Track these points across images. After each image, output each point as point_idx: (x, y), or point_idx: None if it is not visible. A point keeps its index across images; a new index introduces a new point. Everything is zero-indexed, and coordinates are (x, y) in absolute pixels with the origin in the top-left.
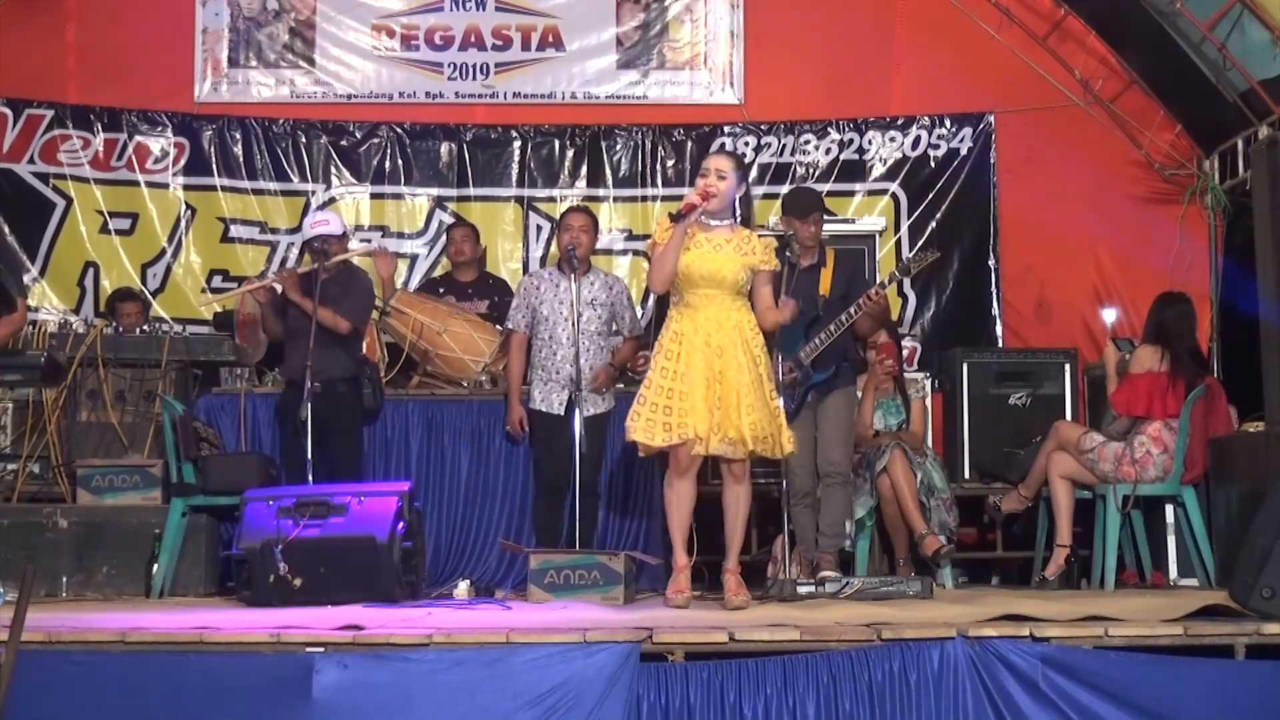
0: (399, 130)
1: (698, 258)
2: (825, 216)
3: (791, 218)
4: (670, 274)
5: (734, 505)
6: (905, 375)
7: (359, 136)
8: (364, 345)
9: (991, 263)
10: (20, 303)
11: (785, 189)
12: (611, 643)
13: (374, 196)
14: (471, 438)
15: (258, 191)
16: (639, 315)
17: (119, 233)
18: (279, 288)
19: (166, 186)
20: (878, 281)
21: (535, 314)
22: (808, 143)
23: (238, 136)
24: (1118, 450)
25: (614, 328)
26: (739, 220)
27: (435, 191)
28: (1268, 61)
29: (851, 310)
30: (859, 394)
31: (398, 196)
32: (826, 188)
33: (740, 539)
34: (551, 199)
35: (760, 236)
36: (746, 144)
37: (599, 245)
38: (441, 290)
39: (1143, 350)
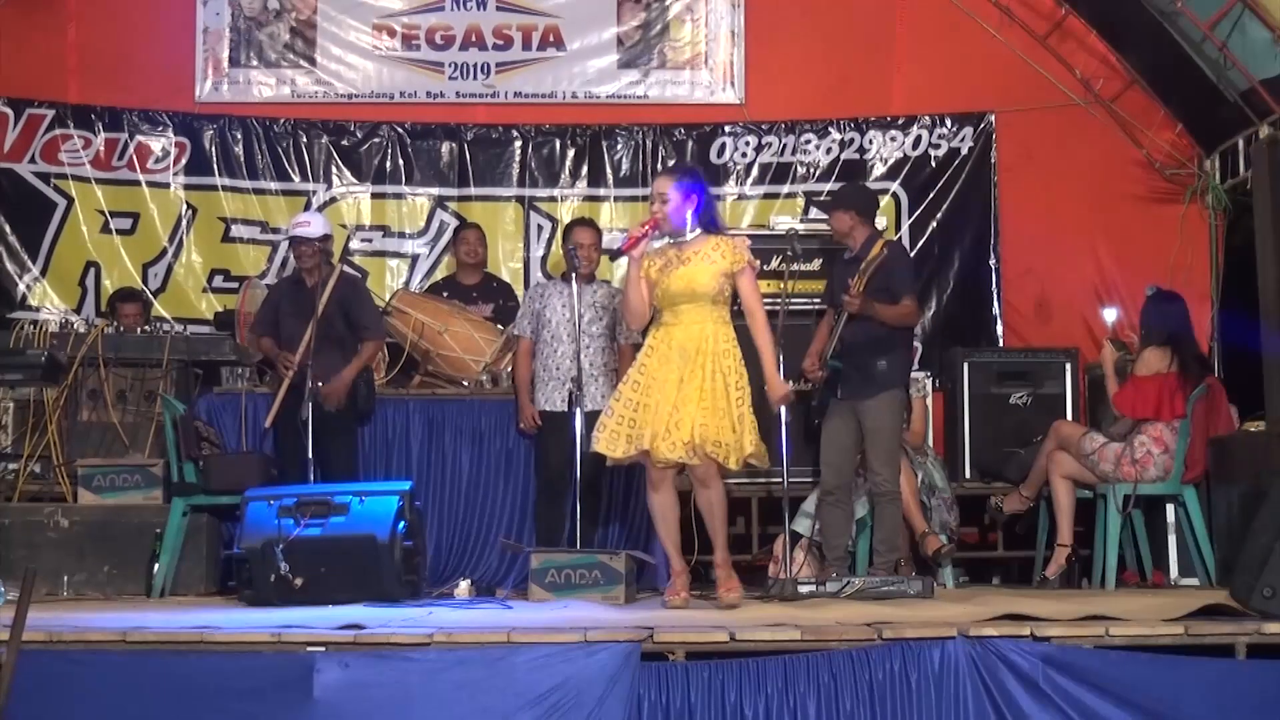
0: (400, 130)
1: (673, 276)
2: (838, 211)
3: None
4: (639, 310)
5: (706, 509)
6: None
7: (360, 136)
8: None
9: (992, 262)
10: None
11: (786, 189)
12: (612, 642)
13: (375, 196)
14: (472, 437)
15: (259, 191)
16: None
17: (120, 232)
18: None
19: (167, 186)
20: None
21: (539, 319)
22: (808, 142)
23: (239, 136)
24: (1118, 450)
25: (615, 334)
26: (704, 227)
27: (436, 191)
28: (1268, 61)
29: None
30: (911, 397)
31: (399, 196)
32: (827, 187)
33: (722, 536)
34: (552, 199)
35: (728, 237)
36: (747, 144)
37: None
38: (445, 294)
39: (1150, 352)
